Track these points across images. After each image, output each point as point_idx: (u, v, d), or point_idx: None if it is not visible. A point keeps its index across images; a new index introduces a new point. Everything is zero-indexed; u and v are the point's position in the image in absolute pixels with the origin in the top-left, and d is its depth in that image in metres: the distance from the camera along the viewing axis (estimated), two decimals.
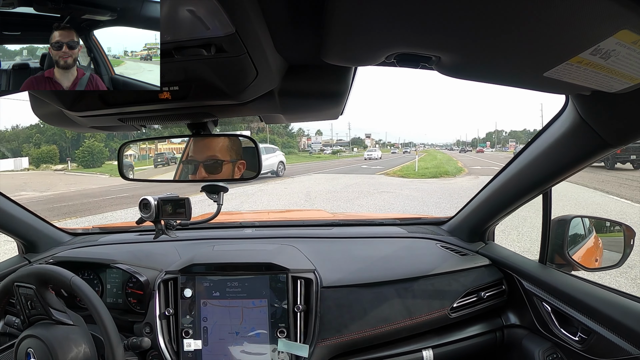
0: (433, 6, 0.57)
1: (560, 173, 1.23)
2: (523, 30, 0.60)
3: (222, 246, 1.67)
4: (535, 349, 1.41)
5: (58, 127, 1.22)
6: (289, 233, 1.88)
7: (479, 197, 1.64)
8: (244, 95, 0.94)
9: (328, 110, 1.14)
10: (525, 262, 1.55)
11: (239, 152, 1.23)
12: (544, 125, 1.22)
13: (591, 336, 1.21)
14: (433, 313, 1.46)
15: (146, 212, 1.38)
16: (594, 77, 0.74)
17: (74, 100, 0.95)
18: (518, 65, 0.76)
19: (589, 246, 1.53)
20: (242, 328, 1.40)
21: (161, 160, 1.38)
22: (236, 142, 1.24)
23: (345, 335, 1.39)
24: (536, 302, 1.43)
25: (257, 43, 0.77)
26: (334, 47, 0.77)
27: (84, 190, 17.30)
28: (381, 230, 1.95)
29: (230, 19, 0.63)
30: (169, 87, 0.88)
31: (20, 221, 1.73)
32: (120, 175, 1.30)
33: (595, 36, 0.59)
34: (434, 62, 0.76)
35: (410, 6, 0.57)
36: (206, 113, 1.06)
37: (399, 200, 10.77)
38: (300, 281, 1.43)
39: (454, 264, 1.58)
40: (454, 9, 0.57)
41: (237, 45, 0.73)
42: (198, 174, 1.23)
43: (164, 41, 0.69)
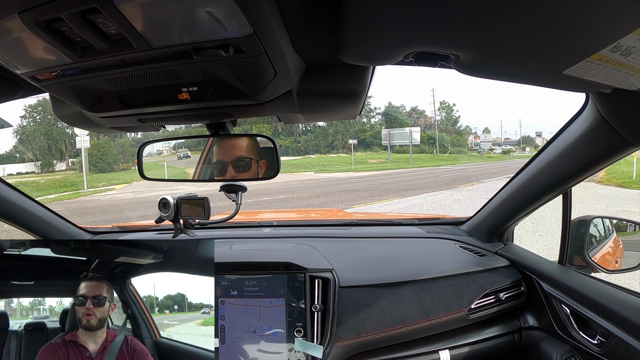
0: (452, 5, 0.57)
1: (580, 173, 1.21)
2: (542, 28, 0.60)
3: (240, 245, 1.68)
4: (553, 352, 1.40)
5: (79, 127, 1.25)
6: (307, 232, 1.89)
7: (498, 197, 1.63)
8: (262, 95, 0.95)
9: (346, 110, 1.15)
10: (544, 264, 1.53)
11: (260, 152, 1.24)
12: (564, 124, 1.20)
13: (610, 339, 1.19)
14: (451, 314, 1.45)
15: (165, 212, 1.40)
16: (614, 74, 0.73)
17: (94, 102, 0.97)
18: (537, 63, 0.75)
19: (610, 247, 1.51)
20: (259, 327, 1.41)
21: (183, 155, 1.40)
22: (257, 143, 1.25)
23: (363, 335, 1.39)
24: (555, 304, 1.41)
25: (275, 43, 0.77)
26: (351, 46, 0.78)
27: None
28: (399, 230, 1.94)
29: (248, 20, 0.64)
30: (187, 87, 0.89)
31: (42, 220, 1.76)
32: (140, 175, 1.32)
33: (615, 33, 0.58)
34: (452, 60, 0.76)
35: (429, 5, 0.57)
36: (225, 113, 1.07)
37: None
38: (318, 281, 1.43)
39: (472, 264, 1.57)
40: (473, 7, 0.57)
41: (255, 46, 0.73)
42: (228, 173, 1.25)
43: (182, 42, 0.70)
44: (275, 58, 0.81)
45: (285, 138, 36.01)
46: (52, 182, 24.45)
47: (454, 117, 41.53)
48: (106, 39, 0.67)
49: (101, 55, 0.71)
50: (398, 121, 36.96)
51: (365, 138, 34.50)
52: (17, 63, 0.76)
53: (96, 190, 21.08)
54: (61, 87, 0.87)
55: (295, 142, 35.79)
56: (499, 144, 61.88)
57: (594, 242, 1.45)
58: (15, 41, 0.67)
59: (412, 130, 28.69)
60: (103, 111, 1.00)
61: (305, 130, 36.11)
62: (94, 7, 0.57)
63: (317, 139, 35.58)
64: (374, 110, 39.09)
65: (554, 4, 0.54)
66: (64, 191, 21.39)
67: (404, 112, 38.97)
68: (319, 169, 25.83)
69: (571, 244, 1.45)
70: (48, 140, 31.80)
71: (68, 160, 32.94)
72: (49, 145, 32.20)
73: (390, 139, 29.38)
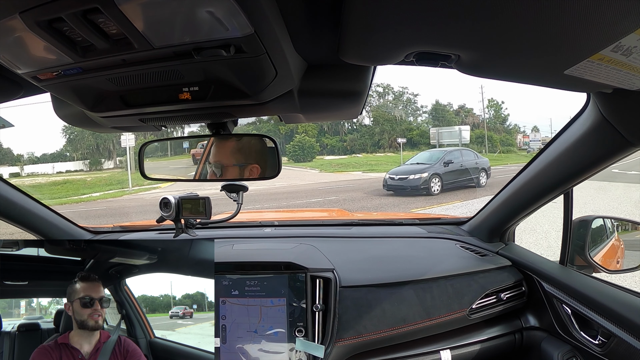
0: (453, 4, 0.57)
1: (582, 173, 1.21)
2: (543, 28, 0.60)
3: (242, 245, 1.67)
4: (554, 352, 1.39)
5: (80, 127, 1.25)
6: (308, 232, 1.89)
7: (499, 197, 1.63)
8: (263, 95, 0.95)
9: (347, 110, 1.15)
10: (545, 264, 1.53)
11: (260, 153, 1.24)
12: (566, 123, 1.20)
13: (611, 340, 1.19)
14: (452, 314, 1.45)
15: (166, 211, 1.40)
16: (616, 74, 0.73)
17: (95, 102, 0.96)
18: (538, 63, 0.75)
19: (611, 247, 1.51)
20: (261, 327, 1.41)
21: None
22: (258, 143, 1.25)
23: (364, 335, 1.39)
24: (556, 304, 1.41)
25: (276, 43, 0.77)
26: (352, 46, 0.78)
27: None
28: (400, 230, 1.94)
29: (249, 20, 0.64)
30: (188, 87, 0.89)
31: (43, 219, 1.76)
32: (141, 175, 1.32)
33: (616, 33, 0.58)
34: (453, 60, 0.76)
35: (430, 5, 0.57)
36: (226, 113, 1.07)
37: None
38: (319, 280, 1.43)
39: (473, 264, 1.57)
40: (474, 7, 0.57)
41: (256, 46, 0.73)
42: (224, 175, 1.26)
43: (183, 42, 0.70)
44: (276, 58, 0.81)
45: (331, 137, 35.63)
46: (98, 180, 24.23)
47: (503, 115, 40.35)
48: (107, 38, 0.67)
49: (102, 55, 0.71)
50: (445, 120, 36.54)
51: (412, 137, 33.88)
52: (18, 63, 0.76)
53: (141, 189, 20.52)
54: (62, 87, 0.87)
55: (342, 141, 35.41)
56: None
57: (595, 242, 1.45)
58: (16, 41, 0.67)
59: (461, 129, 27.85)
60: (104, 111, 1.00)
61: (351, 129, 35.66)
62: (94, 7, 0.57)
63: (363, 137, 34.85)
64: (421, 108, 38.67)
65: (554, 4, 0.54)
66: (109, 189, 21.11)
67: (451, 111, 38.35)
68: (366, 169, 24.99)
69: (572, 244, 1.44)
70: (96, 140, 32.01)
71: (115, 159, 33.03)
72: (97, 145, 32.56)
73: (439, 138, 28.70)
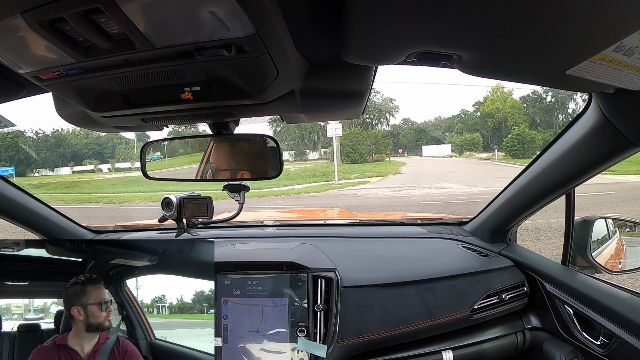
0: (455, 4, 0.57)
1: (584, 173, 1.21)
2: (545, 28, 0.60)
3: (244, 245, 1.68)
4: (556, 353, 1.39)
5: (82, 127, 1.25)
6: (310, 232, 1.89)
7: (501, 197, 1.63)
8: (265, 95, 0.95)
9: (349, 110, 1.15)
10: (547, 264, 1.53)
11: (261, 153, 1.25)
12: (568, 123, 1.20)
13: (613, 340, 1.19)
14: (454, 314, 1.45)
15: (168, 211, 1.40)
16: (617, 74, 0.73)
17: (97, 102, 0.96)
18: (540, 63, 0.75)
19: (613, 248, 1.50)
20: (262, 326, 1.41)
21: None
22: (260, 143, 1.25)
23: (365, 335, 1.39)
24: (558, 304, 1.41)
25: (278, 43, 0.77)
26: (354, 46, 0.78)
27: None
28: (402, 230, 1.94)
29: (251, 20, 0.64)
30: (190, 87, 0.89)
31: (45, 218, 1.76)
32: (143, 175, 1.32)
33: (618, 33, 0.58)
34: (455, 60, 0.76)
35: (431, 5, 0.57)
36: (227, 113, 1.07)
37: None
38: (321, 280, 1.43)
39: (475, 265, 1.57)
40: (475, 6, 0.57)
41: (257, 46, 0.73)
42: (223, 175, 1.27)
43: (185, 42, 0.70)
44: (277, 58, 0.81)
45: (544, 131, 34.36)
46: (302, 171, 24.03)
47: None
48: (109, 38, 0.67)
49: (104, 55, 0.71)
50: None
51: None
52: (20, 63, 0.76)
53: (347, 183, 19.93)
54: (64, 86, 0.87)
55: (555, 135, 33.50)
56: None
57: (597, 243, 1.45)
58: (18, 41, 0.67)
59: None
60: (106, 111, 1.00)
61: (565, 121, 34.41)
62: (96, 7, 0.57)
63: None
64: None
65: (556, 4, 0.54)
66: (313, 181, 20.79)
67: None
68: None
69: (574, 245, 1.44)
70: (301, 132, 32.95)
71: (320, 150, 33.86)
72: (302, 136, 33.64)
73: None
